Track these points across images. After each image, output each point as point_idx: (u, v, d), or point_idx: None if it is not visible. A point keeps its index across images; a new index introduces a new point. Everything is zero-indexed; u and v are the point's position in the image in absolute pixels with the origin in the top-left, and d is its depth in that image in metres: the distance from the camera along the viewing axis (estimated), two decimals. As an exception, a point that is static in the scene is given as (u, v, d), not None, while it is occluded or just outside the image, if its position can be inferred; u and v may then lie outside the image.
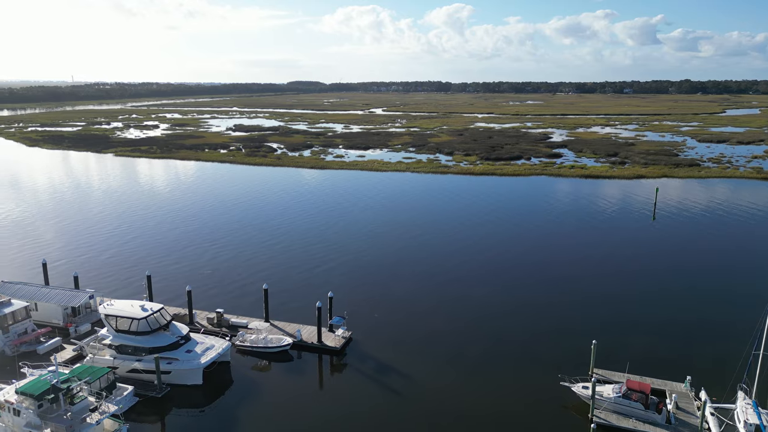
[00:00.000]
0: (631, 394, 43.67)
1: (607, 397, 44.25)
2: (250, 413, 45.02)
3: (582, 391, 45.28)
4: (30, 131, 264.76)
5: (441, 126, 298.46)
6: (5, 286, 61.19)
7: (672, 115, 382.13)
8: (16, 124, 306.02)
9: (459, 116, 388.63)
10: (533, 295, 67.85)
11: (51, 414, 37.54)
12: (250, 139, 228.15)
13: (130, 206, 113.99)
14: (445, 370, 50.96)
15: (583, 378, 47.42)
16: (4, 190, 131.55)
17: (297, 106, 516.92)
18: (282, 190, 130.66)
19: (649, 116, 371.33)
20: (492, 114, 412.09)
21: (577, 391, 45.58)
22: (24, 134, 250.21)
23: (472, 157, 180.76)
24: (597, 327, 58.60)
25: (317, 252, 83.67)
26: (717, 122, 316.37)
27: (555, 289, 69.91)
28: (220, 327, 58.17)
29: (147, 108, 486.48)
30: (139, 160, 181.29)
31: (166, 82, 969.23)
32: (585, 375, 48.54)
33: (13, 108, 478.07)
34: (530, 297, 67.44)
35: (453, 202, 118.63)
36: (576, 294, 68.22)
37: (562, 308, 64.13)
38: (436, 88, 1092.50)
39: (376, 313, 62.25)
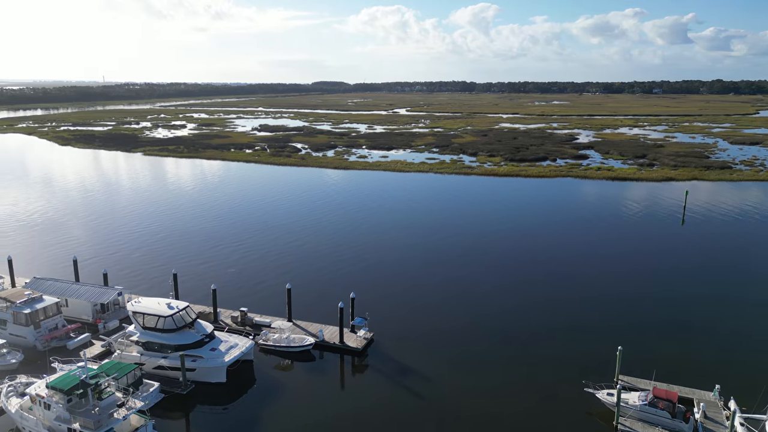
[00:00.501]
0: (658, 402, 42.80)
1: (632, 405, 43.46)
2: (272, 412, 45.47)
3: (607, 398, 44.55)
4: (62, 130, 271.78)
5: (465, 126, 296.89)
6: (37, 282, 62.97)
7: (703, 116, 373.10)
8: (49, 123, 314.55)
9: (483, 117, 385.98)
10: (557, 299, 67.00)
11: (80, 408, 38.48)
12: (274, 139, 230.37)
13: (158, 205, 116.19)
14: (467, 374, 50.67)
15: (608, 384, 46.65)
16: (38, 188, 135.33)
17: (321, 107, 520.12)
18: (306, 191, 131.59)
19: (679, 117, 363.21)
20: (517, 114, 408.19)
21: (601, 398, 44.87)
22: (57, 133, 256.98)
23: (496, 158, 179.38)
24: (623, 332, 57.60)
25: (340, 252, 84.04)
26: (750, 123, 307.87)
27: (580, 293, 68.91)
28: (243, 326, 58.86)
29: (175, 108, 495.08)
30: (166, 159, 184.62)
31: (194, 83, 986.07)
32: (610, 381, 47.73)
33: (46, 108, 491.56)
34: (554, 301, 66.60)
35: (476, 204, 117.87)
36: (602, 298, 67.14)
37: (588, 313, 63.20)
38: (460, 88, 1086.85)
39: (397, 314, 62.25)
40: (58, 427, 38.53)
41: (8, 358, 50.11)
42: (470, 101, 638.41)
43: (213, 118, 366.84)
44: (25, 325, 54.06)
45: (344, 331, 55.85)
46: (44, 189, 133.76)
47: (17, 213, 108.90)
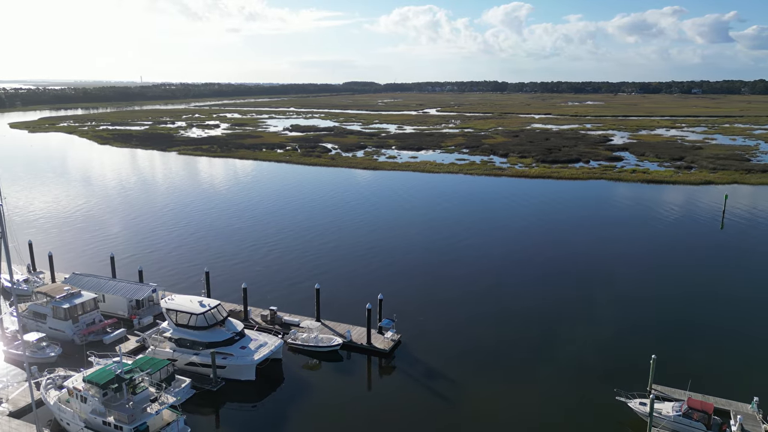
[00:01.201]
0: (693, 413, 41.60)
1: (666, 416, 42.36)
2: (300, 411, 45.93)
3: (639, 408, 43.53)
4: (101, 129, 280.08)
5: (496, 127, 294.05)
6: (76, 277, 65.06)
7: (744, 117, 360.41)
8: (89, 122, 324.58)
9: (515, 117, 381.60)
10: (589, 304, 65.80)
11: (114, 402, 39.63)
12: (305, 140, 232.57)
13: (192, 204, 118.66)
14: (495, 379, 50.22)
15: (640, 394, 45.58)
16: (78, 185, 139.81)
17: (352, 107, 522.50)
18: (335, 191, 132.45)
19: (719, 118, 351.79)
20: (549, 115, 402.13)
21: (634, 408, 43.86)
22: (96, 132, 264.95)
23: (527, 159, 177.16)
24: (657, 339, 56.23)
25: (368, 253, 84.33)
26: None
27: (613, 298, 67.51)
28: (273, 324, 59.60)
29: (209, 108, 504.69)
30: (200, 158, 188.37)
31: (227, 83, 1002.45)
32: (643, 391, 46.62)
33: (86, 107, 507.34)
34: (586, 306, 65.43)
35: (506, 206, 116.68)
36: (636, 304, 65.62)
37: (620, 319, 61.87)
38: (491, 88, 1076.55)
39: (422, 317, 62.12)
40: (93, 420, 39.75)
41: (47, 351, 51.93)
42: (501, 101, 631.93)
43: (246, 118, 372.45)
44: (64, 319, 55.92)
45: (372, 333, 56.02)
46: (84, 187, 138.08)
47: (58, 210, 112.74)
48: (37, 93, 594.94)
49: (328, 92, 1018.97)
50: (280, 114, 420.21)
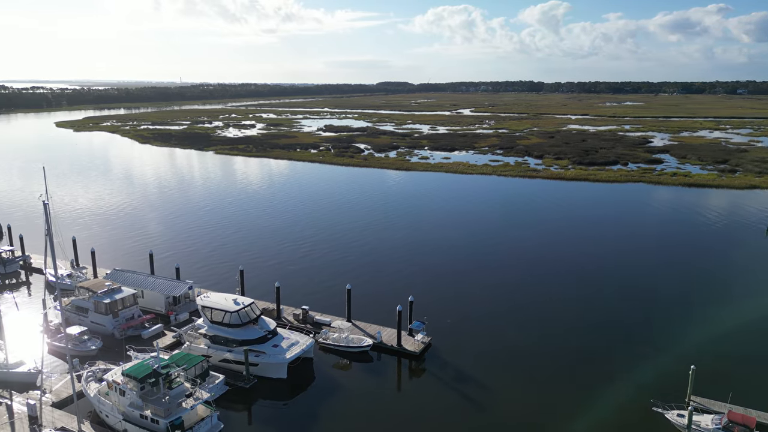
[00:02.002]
0: (733, 427, 40.15)
1: (705, 428, 41.00)
2: (330, 410, 46.30)
3: (677, 419, 42.27)
4: (142, 129, 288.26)
5: (531, 128, 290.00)
6: (117, 273, 67.18)
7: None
8: (130, 122, 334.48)
9: (550, 118, 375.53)
10: (626, 312, 64.24)
11: (151, 396, 40.76)
12: (338, 140, 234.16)
13: (228, 203, 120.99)
14: (526, 385, 49.56)
15: (678, 405, 44.24)
16: (120, 183, 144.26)
17: (385, 107, 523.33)
18: (367, 192, 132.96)
19: (766, 120, 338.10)
20: (586, 116, 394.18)
21: (671, 419, 42.62)
22: (137, 132, 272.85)
23: (563, 161, 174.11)
24: (696, 349, 54.49)
25: (400, 254, 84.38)
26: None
27: (649, 305, 65.74)
28: (305, 323, 60.24)
29: (245, 108, 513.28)
30: (236, 158, 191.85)
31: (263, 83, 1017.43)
32: (681, 402, 45.24)
33: (128, 107, 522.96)
34: (623, 313, 63.91)
35: (541, 208, 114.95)
36: (675, 313, 63.71)
37: (658, 327, 60.18)
38: (527, 88, 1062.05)
39: (449, 319, 61.75)
40: (131, 413, 40.97)
41: (89, 344, 53.77)
42: (537, 102, 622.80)
43: (281, 118, 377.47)
44: (105, 314, 57.81)
45: (402, 334, 56.03)
46: (125, 185, 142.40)
47: (101, 207, 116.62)
48: (82, 93, 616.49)
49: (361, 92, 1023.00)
50: (314, 114, 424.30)
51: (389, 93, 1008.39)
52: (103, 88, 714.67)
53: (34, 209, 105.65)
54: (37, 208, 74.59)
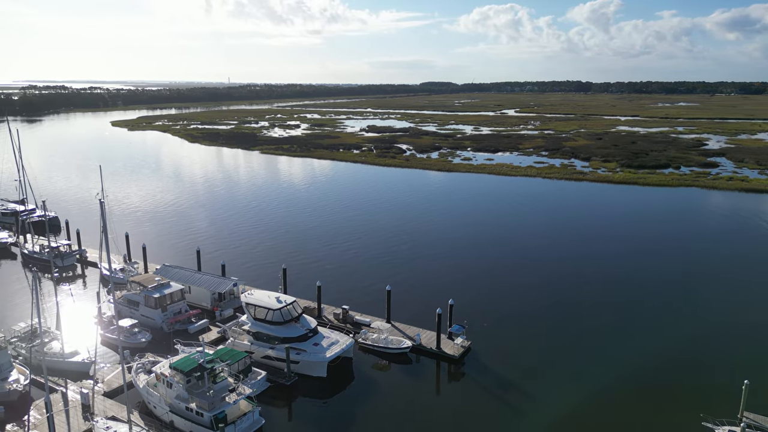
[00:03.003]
0: (791, 448, 38.11)
1: (759, 447, 39.08)
2: (369, 410, 46.58)
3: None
4: (192, 128, 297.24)
5: (578, 129, 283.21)
6: (166, 269, 69.57)
7: None
8: (181, 121, 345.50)
9: (599, 119, 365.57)
10: (674, 321, 61.93)
11: (197, 390, 42.03)
12: (381, 140, 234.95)
13: (272, 202, 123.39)
14: (568, 395, 48.46)
15: (730, 421, 42.31)
16: (170, 182, 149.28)
17: (428, 107, 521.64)
18: (409, 193, 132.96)
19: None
20: (637, 117, 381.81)
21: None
22: (187, 131, 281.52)
23: (611, 163, 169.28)
24: (751, 363, 51.93)
25: (440, 257, 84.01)
26: None
27: (701, 315, 63.16)
28: (345, 323, 60.79)
29: (291, 108, 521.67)
30: (281, 158, 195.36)
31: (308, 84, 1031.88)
32: (733, 418, 43.26)
33: (179, 107, 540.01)
34: (671, 322, 61.64)
35: (587, 212, 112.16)
36: (730, 325, 60.99)
37: (710, 339, 57.81)
38: (574, 89, 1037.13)
39: (485, 323, 60.98)
40: (177, 405, 42.38)
41: (139, 337, 55.92)
42: (585, 102, 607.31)
43: (325, 118, 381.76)
44: (154, 308, 59.98)
45: (441, 337, 55.78)
46: (175, 183, 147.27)
47: (153, 204, 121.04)
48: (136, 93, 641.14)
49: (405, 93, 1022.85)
50: (357, 115, 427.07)
51: (432, 93, 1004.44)
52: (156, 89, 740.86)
53: (91, 206, 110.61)
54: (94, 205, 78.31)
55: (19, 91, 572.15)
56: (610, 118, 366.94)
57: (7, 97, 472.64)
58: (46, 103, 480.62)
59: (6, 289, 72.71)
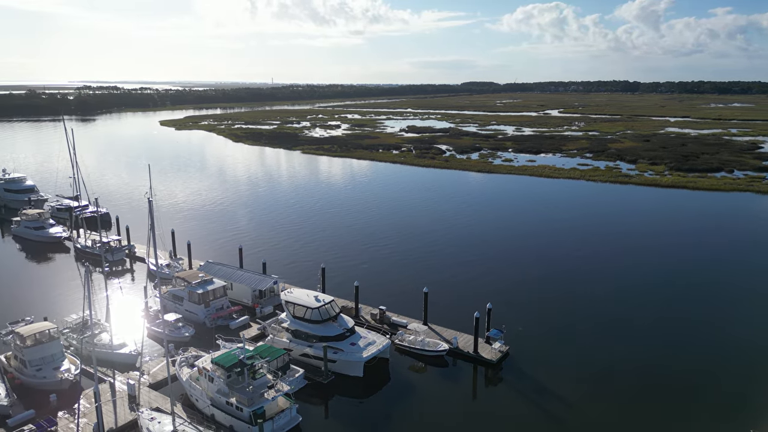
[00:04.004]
0: None
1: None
2: (405, 412, 46.60)
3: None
4: (236, 128, 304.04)
5: (624, 130, 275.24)
6: (209, 265, 71.45)
7: None
8: (226, 121, 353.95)
9: (646, 120, 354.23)
10: (723, 329, 59.49)
11: (237, 385, 43.04)
12: (420, 141, 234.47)
13: (313, 202, 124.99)
14: (609, 404, 47.22)
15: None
16: (214, 180, 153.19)
17: (469, 108, 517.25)
18: (448, 194, 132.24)
19: None
20: (687, 118, 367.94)
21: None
22: (231, 131, 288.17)
23: (659, 166, 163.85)
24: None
25: (479, 259, 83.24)
26: None
27: (751, 327, 60.33)
28: (381, 324, 61.00)
29: (332, 108, 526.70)
30: (321, 158, 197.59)
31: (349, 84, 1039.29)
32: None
33: (224, 107, 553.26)
34: (719, 331, 59.27)
35: (632, 216, 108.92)
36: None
37: (762, 349, 55.13)
38: (621, 88, 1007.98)
39: (535, 331, 59.98)
40: (218, 399, 43.51)
41: (182, 331, 57.62)
42: (632, 102, 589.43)
43: (365, 119, 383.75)
44: (198, 303, 61.72)
45: (479, 341, 55.28)
46: (219, 182, 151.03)
47: (198, 202, 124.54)
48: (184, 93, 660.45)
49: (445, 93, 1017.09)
50: (397, 115, 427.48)
51: (474, 93, 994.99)
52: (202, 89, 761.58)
53: (140, 203, 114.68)
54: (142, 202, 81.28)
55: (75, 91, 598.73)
56: (658, 119, 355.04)
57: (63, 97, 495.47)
58: (99, 103, 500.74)
59: (60, 281, 76.28)
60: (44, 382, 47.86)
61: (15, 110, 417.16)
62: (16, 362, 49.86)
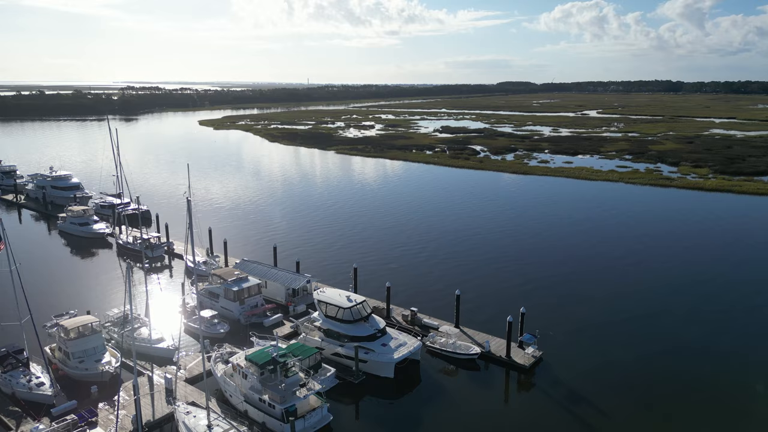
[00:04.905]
0: None
1: None
2: (435, 414, 46.42)
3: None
4: (272, 128, 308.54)
5: (666, 132, 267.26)
6: (245, 263, 72.74)
7: None
8: (262, 121, 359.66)
9: (690, 121, 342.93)
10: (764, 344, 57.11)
11: (269, 382, 43.68)
12: (454, 141, 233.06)
13: (345, 202, 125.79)
14: (647, 415, 45.89)
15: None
16: (251, 179, 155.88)
17: (504, 108, 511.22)
18: (481, 195, 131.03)
19: None
20: (733, 119, 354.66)
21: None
22: (267, 131, 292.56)
23: (702, 169, 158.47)
24: None
25: (512, 263, 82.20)
26: None
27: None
28: (413, 325, 60.93)
29: (366, 109, 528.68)
30: (354, 158, 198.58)
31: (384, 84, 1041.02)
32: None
33: (261, 107, 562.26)
34: (760, 344, 56.82)
35: (673, 221, 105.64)
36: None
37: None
38: (663, 88, 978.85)
39: (570, 337, 58.83)
40: (251, 396, 44.26)
41: (218, 327, 58.85)
42: (675, 103, 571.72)
43: (398, 119, 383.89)
44: (233, 300, 62.89)
45: (512, 346, 54.60)
46: (255, 181, 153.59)
47: (234, 200, 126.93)
48: (222, 94, 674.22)
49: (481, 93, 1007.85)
50: (431, 115, 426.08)
51: (509, 93, 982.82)
52: (240, 90, 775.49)
53: (178, 201, 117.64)
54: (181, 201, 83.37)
55: (118, 91, 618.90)
56: (702, 121, 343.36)
57: (108, 98, 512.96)
58: (141, 103, 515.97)
59: (102, 276, 78.96)
60: (86, 373, 49.61)
61: (62, 110, 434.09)
62: (60, 354, 51.84)
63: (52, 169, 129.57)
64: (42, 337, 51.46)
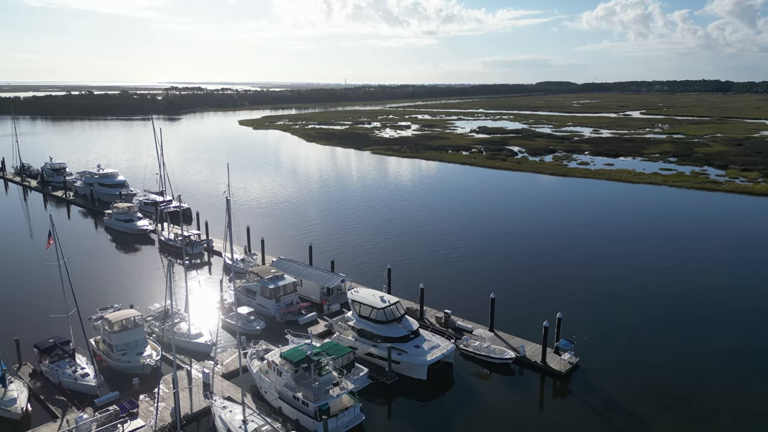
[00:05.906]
0: None
1: None
2: (468, 418, 46.06)
3: None
4: (309, 128, 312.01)
5: (713, 133, 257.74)
6: (281, 262, 73.82)
7: None
8: (300, 121, 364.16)
9: (739, 122, 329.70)
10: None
11: (303, 380, 44.19)
12: (491, 142, 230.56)
13: (380, 202, 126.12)
14: (687, 425, 44.34)
15: None
16: (288, 179, 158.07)
17: (543, 108, 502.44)
18: (518, 198, 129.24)
19: None
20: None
21: None
22: (305, 131, 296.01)
23: (752, 172, 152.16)
24: None
25: (550, 267, 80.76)
26: None
27: None
28: (446, 327, 60.58)
29: (403, 109, 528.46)
30: (390, 158, 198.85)
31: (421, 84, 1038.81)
32: None
33: (299, 107, 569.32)
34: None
35: (720, 226, 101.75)
36: None
37: None
38: (711, 88, 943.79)
39: (608, 344, 57.39)
40: (285, 393, 44.88)
41: (254, 324, 59.90)
42: (723, 103, 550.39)
43: (435, 119, 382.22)
44: (269, 298, 63.90)
45: (547, 351, 53.66)
46: (292, 180, 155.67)
47: (272, 199, 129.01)
48: (261, 94, 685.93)
49: (519, 93, 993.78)
50: (468, 115, 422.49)
51: (549, 93, 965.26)
52: (279, 90, 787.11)
53: (218, 199, 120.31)
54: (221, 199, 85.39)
55: (162, 92, 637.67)
56: (752, 122, 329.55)
57: (153, 98, 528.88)
58: (184, 103, 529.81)
59: (145, 271, 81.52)
60: (128, 366, 51.29)
61: (110, 109, 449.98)
62: (104, 346, 53.76)
63: (99, 167, 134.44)
64: (87, 329, 53.42)
